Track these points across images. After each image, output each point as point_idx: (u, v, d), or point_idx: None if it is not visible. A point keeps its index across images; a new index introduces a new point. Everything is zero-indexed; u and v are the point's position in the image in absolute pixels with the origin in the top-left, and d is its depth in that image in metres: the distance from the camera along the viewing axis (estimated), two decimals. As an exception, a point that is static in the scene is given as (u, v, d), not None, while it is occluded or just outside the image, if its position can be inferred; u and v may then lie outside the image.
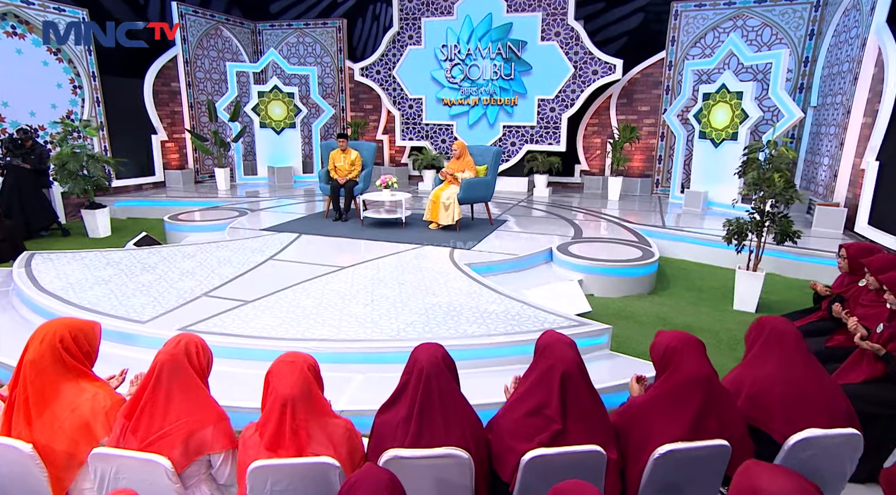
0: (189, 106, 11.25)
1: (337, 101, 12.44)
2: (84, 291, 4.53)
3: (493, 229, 7.27)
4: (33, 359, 1.89)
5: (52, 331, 1.96)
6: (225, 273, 5.08)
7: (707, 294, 5.75)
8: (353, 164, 7.65)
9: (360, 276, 5.09)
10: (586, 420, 1.91)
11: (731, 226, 5.07)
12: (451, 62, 10.67)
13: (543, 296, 5.00)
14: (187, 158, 11.56)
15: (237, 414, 2.33)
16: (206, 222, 7.50)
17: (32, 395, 1.87)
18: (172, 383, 1.87)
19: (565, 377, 1.90)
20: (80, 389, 1.94)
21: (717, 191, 8.82)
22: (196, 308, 4.22)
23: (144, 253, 5.79)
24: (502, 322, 4.09)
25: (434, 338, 3.79)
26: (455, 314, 4.21)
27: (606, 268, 5.72)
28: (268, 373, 1.90)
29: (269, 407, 1.81)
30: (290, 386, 1.81)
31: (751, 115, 8.03)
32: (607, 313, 5.09)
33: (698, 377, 1.91)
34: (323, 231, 6.90)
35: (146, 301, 4.32)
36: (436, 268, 5.43)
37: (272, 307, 4.24)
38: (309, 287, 4.74)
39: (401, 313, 4.21)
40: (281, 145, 11.60)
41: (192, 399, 1.89)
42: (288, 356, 1.94)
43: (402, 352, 3.65)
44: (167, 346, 1.95)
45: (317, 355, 3.56)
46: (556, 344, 2.00)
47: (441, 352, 2.01)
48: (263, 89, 11.30)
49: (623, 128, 10.05)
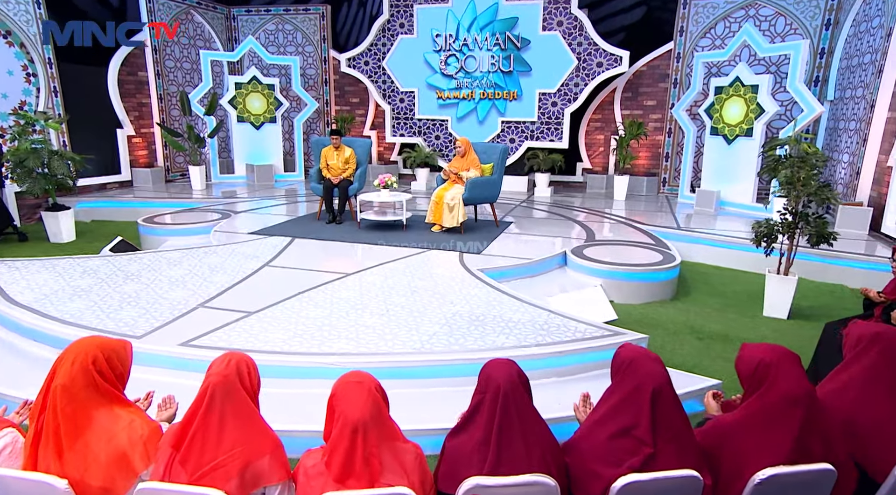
0: (158, 97, 11.03)
1: (320, 94, 12.32)
2: (63, 303, 4.38)
3: (500, 232, 7.26)
4: (65, 384, 1.80)
5: (84, 352, 1.87)
6: (219, 281, 4.97)
7: (732, 299, 5.80)
8: (348, 163, 7.57)
9: (367, 284, 5.02)
10: (677, 441, 1.88)
11: (761, 227, 5.12)
12: (446, 53, 10.65)
13: (567, 302, 4.99)
14: (157, 155, 11.32)
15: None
16: (186, 225, 7.34)
17: (64, 424, 1.77)
18: (225, 407, 1.80)
19: (656, 395, 1.87)
20: (115, 416, 1.85)
21: (731, 191, 8.94)
22: (194, 320, 4.11)
23: (124, 259, 5.63)
24: (530, 332, 4.06)
25: (462, 351, 3.75)
26: (479, 324, 4.18)
27: (627, 272, 5.74)
28: (332, 396, 1.83)
29: (337, 434, 1.75)
30: (359, 409, 1.75)
31: (767, 109, 8.15)
32: (630, 321, 5.10)
33: (798, 394, 1.89)
34: (317, 234, 6.81)
35: (136, 313, 4.20)
36: (448, 274, 5.39)
37: (279, 318, 4.15)
38: (315, 296, 4.66)
39: (420, 323, 4.15)
40: (260, 141, 11.44)
41: (247, 424, 1.82)
42: (353, 376, 1.88)
43: (431, 365, 3.64)
44: (217, 367, 1.87)
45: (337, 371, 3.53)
46: (641, 359, 1.97)
47: (515, 368, 1.97)
48: (241, 80, 11.15)
49: (629, 124, 10.13)
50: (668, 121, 10.53)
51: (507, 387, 1.89)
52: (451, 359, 3.66)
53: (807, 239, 4.87)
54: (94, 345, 1.91)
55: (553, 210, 9.15)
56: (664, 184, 10.92)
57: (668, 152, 10.75)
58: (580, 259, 6.03)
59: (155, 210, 8.40)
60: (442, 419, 2.90)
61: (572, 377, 3.79)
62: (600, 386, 3.60)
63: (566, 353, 3.81)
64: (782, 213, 4.98)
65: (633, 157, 10.32)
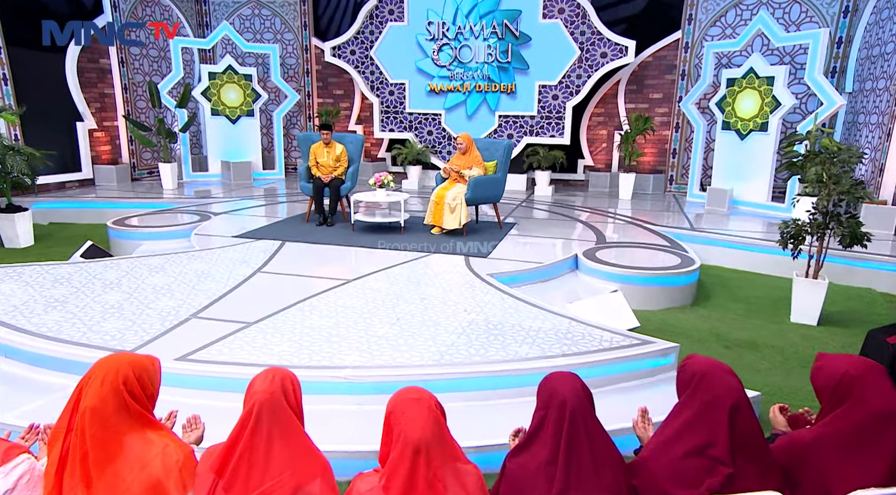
0: (123, 88, 10.86)
1: (301, 86, 12.25)
2: (37, 315, 4.29)
3: (504, 234, 7.28)
4: (94, 406, 1.76)
5: (114, 371, 1.83)
6: (209, 289, 4.91)
7: (755, 305, 5.87)
8: (339, 160, 7.53)
9: (372, 290, 5.00)
10: (757, 460, 1.88)
11: (788, 228, 5.19)
12: (439, 42, 10.65)
13: (586, 309, 5.01)
14: (121, 151, 11.15)
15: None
16: (162, 228, 7.24)
17: (93, 450, 1.72)
18: (273, 428, 1.77)
19: (734, 410, 1.87)
20: (147, 441, 1.81)
21: (745, 189, 9.06)
22: (188, 332, 4.05)
23: (98, 266, 5.54)
24: (554, 341, 4.07)
25: (484, 362, 3.75)
26: (498, 333, 4.18)
27: (644, 276, 5.79)
28: (389, 415, 1.81)
29: (397, 456, 1.72)
30: (420, 428, 1.73)
31: (783, 103, 8.29)
32: (650, 328, 5.14)
33: (892, 411, 1.90)
34: (309, 237, 6.77)
35: (122, 325, 4.12)
36: (456, 280, 5.39)
37: (281, 329, 4.11)
38: (317, 304, 4.63)
39: (435, 333, 4.15)
40: (237, 136, 11.34)
41: (295, 445, 1.79)
42: (410, 392, 1.86)
43: (453, 378, 3.62)
44: (261, 383, 1.84)
45: (352, 386, 3.51)
46: (715, 371, 1.97)
47: (579, 381, 1.97)
48: (215, 70, 11.03)
49: (635, 119, 10.23)
50: (676, 115, 10.65)
51: (574, 402, 1.88)
52: (475, 371, 3.65)
53: (838, 240, 4.95)
54: (124, 362, 1.88)
55: (556, 210, 9.20)
56: (671, 182, 11.05)
57: (675, 148, 10.88)
58: (593, 262, 6.07)
59: (122, 211, 8.26)
60: (467, 436, 2.88)
61: (601, 389, 3.79)
62: (630, 399, 3.66)
63: (594, 364, 3.82)
64: (812, 213, 5.06)
65: (639, 154, 10.41)
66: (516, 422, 2.47)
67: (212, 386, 3.42)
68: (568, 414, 1.87)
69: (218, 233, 6.96)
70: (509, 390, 3.64)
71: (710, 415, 1.90)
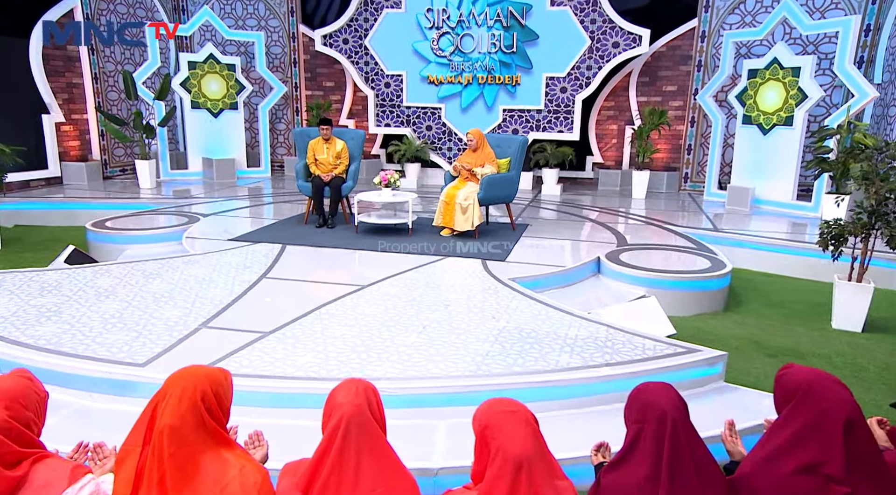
0: (93, 77, 10.76)
1: (288, 77, 12.21)
2: (31, 326, 4.24)
3: (518, 236, 7.32)
4: (174, 424, 1.76)
5: (192, 386, 1.84)
6: (214, 296, 4.89)
7: (791, 310, 5.96)
8: (339, 157, 7.53)
9: (389, 297, 5.01)
10: (875, 478, 1.89)
11: (830, 228, 5.27)
12: (439, 31, 10.68)
13: (619, 315, 5.05)
14: (91, 147, 11.03)
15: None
16: (149, 231, 7.20)
17: (171, 471, 1.72)
18: (361, 443, 1.77)
19: (849, 425, 1.88)
20: (225, 462, 1.80)
21: (767, 187, 9.19)
22: (200, 344, 4.04)
23: (88, 273, 5.49)
24: (594, 349, 4.11)
25: (525, 373, 3.77)
26: (533, 341, 4.21)
27: (673, 280, 5.86)
28: (484, 428, 1.82)
29: (495, 472, 1.74)
30: (521, 442, 1.75)
31: (810, 95, 8.43)
32: (683, 335, 5.18)
33: None
34: (310, 241, 6.77)
35: (127, 336, 4.09)
36: (477, 285, 5.43)
37: (302, 339, 4.11)
38: (333, 312, 4.64)
39: (466, 341, 4.17)
40: (219, 131, 11.29)
41: (384, 461, 1.80)
42: (504, 404, 1.88)
43: (493, 390, 3.64)
44: (345, 396, 1.85)
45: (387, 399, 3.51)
46: (823, 383, 1.98)
47: (674, 391, 1.99)
48: (195, 59, 10.96)
49: (649, 113, 10.33)
50: (691, 108, 10.78)
51: (676, 414, 1.91)
52: (515, 382, 3.68)
53: (886, 241, 5.03)
54: (201, 376, 1.89)
55: (567, 210, 9.27)
56: (686, 181, 11.18)
57: (690, 144, 11.00)
58: (617, 265, 6.13)
59: (97, 213, 8.19)
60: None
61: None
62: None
63: (640, 374, 3.85)
64: (857, 213, 5.14)
65: (653, 150, 10.51)
66: (563, 436, 2.46)
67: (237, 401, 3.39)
68: (669, 427, 1.89)
69: (211, 237, 6.92)
70: (552, 402, 3.66)
71: (822, 430, 1.90)
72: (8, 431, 1.73)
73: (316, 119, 11.53)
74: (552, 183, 10.80)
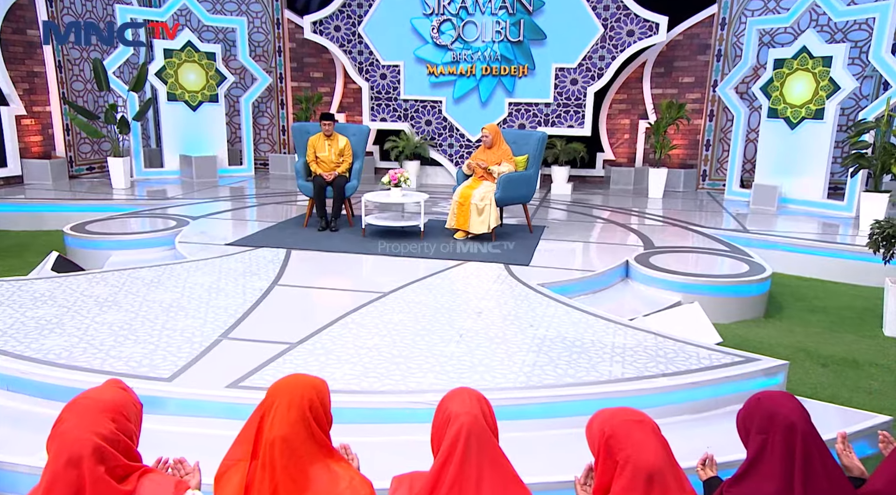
0: (56, 66, 10.68)
1: (272, 67, 12.24)
2: (35, 340, 4.23)
3: (537, 238, 7.42)
4: (286, 435, 1.82)
5: (299, 395, 1.91)
6: (226, 305, 4.93)
7: (835, 316, 6.12)
8: (342, 155, 7.58)
9: (415, 304, 5.09)
10: None
11: (881, 228, 5.43)
12: (439, 17, 10.78)
13: (662, 322, 5.16)
14: (54, 142, 10.95)
15: None
16: (135, 236, 7.21)
17: (283, 484, 1.78)
18: (482, 455, 1.84)
19: None
20: (333, 474, 1.87)
21: (795, 185, 9.39)
22: (225, 356, 4.08)
23: (81, 282, 5.50)
24: (646, 359, 4.20)
25: (578, 384, 3.85)
26: (579, 350, 4.29)
27: (711, 285, 5.99)
28: (609, 438, 1.89)
29: (626, 484, 1.81)
30: (652, 453, 1.82)
31: (843, 86, 8.65)
32: (728, 344, 5.28)
33: None
34: (315, 245, 6.82)
35: (144, 350, 4.11)
36: (505, 291, 5.53)
37: (333, 350, 4.17)
38: (360, 320, 4.71)
39: (509, 351, 4.25)
40: (198, 126, 11.28)
41: (504, 474, 1.86)
42: (625, 413, 1.95)
43: (547, 403, 3.72)
44: (461, 405, 1.92)
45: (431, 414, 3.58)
46: None
47: (797, 399, 2.08)
48: (172, 46, 10.93)
49: (666, 106, 10.50)
50: (710, 101, 10.97)
51: (803, 425, 1.99)
52: (570, 395, 3.76)
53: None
54: (306, 385, 1.97)
55: (580, 211, 9.42)
56: (704, 179, 11.37)
57: (708, 139, 11.19)
58: (648, 269, 6.24)
59: (68, 216, 8.18)
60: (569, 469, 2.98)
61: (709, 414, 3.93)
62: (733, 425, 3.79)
63: (699, 385, 3.95)
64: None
65: (671, 146, 10.67)
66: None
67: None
68: (799, 438, 1.97)
69: (205, 241, 6.94)
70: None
71: None
72: (116, 444, 1.78)
73: (304, 113, 11.59)
74: (562, 182, 10.94)
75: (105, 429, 1.76)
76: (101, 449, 1.72)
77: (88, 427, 1.74)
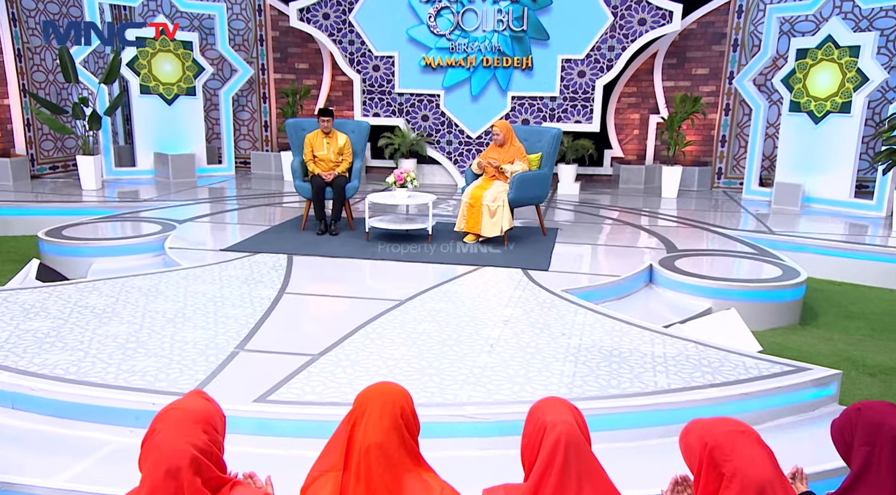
0: (16, 55, 10.63)
1: (253, 57, 12.27)
2: (37, 355, 4.26)
3: (552, 241, 7.53)
4: (381, 443, 1.89)
5: (390, 402, 1.98)
6: (236, 315, 5.00)
7: (878, 323, 6.28)
8: (342, 154, 7.64)
9: (436, 312, 5.19)
10: None
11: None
12: (437, 5, 10.87)
13: (700, 330, 5.29)
14: (14, 139, 10.89)
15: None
16: (119, 241, 7.24)
17: (378, 493, 1.85)
18: (581, 466, 1.91)
19: None
20: (425, 484, 1.95)
21: (820, 183, 9.58)
22: (244, 368, 4.16)
23: (72, 292, 5.53)
24: (691, 369, 4.31)
25: (624, 395, 3.96)
26: (618, 360, 4.40)
27: (743, 291, 6.13)
28: (712, 449, 1.96)
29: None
30: (761, 466, 1.90)
31: (872, 77, 8.86)
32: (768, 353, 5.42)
33: None
34: (317, 250, 6.89)
35: (157, 363, 4.16)
36: (528, 297, 5.65)
37: (359, 361, 4.26)
38: (380, 329, 4.81)
39: (545, 361, 4.36)
40: (174, 121, 11.28)
41: (603, 487, 1.94)
42: (731, 423, 2.02)
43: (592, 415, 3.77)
44: (556, 414, 1.99)
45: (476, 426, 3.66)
46: None
47: (895, 408, 2.19)
48: (145, 35, 10.92)
49: (680, 99, 10.66)
50: (726, 94, 11.16)
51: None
52: (616, 407, 3.85)
53: None
54: (397, 393, 2.04)
55: (590, 212, 9.58)
56: (719, 177, 11.55)
57: (724, 135, 11.38)
58: (674, 274, 6.37)
59: (33, 220, 8.26)
60: (636, 485, 3.08)
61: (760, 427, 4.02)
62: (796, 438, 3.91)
63: (750, 396, 4.07)
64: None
65: (686, 142, 10.83)
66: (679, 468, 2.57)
67: (306, 432, 3.51)
68: None
69: (198, 247, 6.99)
70: (656, 429, 3.84)
71: None
72: (209, 455, 1.85)
73: (291, 107, 11.63)
74: (569, 180, 11.08)
75: (199, 440, 1.84)
76: (198, 461, 1.80)
77: (184, 438, 1.82)
